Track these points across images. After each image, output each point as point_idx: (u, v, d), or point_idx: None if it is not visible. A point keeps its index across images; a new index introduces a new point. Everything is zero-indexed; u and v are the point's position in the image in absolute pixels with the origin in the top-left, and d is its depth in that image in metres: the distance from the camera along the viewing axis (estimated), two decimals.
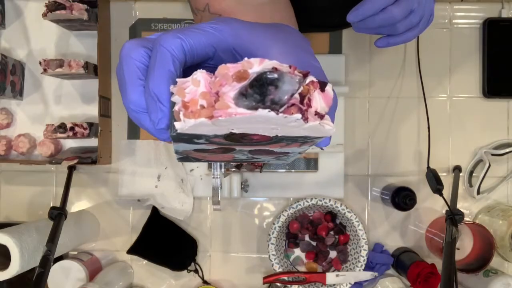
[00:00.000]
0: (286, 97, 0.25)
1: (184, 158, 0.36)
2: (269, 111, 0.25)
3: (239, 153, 0.34)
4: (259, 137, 0.29)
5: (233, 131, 0.27)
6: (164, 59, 0.29)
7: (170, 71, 0.29)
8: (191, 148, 0.32)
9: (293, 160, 0.36)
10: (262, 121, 0.26)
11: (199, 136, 0.28)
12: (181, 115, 0.26)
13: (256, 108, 0.25)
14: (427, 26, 0.56)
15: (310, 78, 0.26)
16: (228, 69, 0.25)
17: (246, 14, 0.42)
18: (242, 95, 0.25)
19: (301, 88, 0.26)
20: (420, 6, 0.52)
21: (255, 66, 0.25)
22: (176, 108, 0.26)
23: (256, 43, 0.32)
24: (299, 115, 0.25)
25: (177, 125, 0.26)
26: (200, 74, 0.26)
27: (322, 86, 0.26)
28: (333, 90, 0.27)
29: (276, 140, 0.30)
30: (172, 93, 0.27)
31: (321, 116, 0.26)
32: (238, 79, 0.25)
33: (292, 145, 0.32)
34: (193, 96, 0.26)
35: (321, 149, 0.85)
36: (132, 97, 0.30)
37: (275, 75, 0.25)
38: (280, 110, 0.25)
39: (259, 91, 0.25)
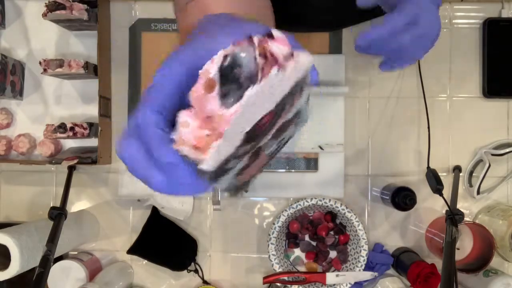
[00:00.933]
0: (253, 66, 0.26)
1: (234, 190, 0.37)
2: (252, 88, 0.25)
3: (268, 147, 0.34)
4: (268, 117, 0.29)
5: (246, 131, 0.28)
6: (150, 135, 0.30)
7: (161, 136, 0.29)
8: (231, 177, 0.32)
9: (308, 115, 0.37)
10: (256, 101, 0.26)
11: (227, 162, 0.29)
12: (200, 157, 0.26)
13: (242, 96, 0.25)
14: (431, 47, 0.55)
15: (256, 38, 0.26)
16: (195, 91, 0.26)
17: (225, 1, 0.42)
18: (224, 96, 0.26)
19: (257, 50, 0.26)
20: (427, 31, 0.52)
21: (211, 67, 0.26)
22: (191, 156, 0.27)
23: (206, 45, 0.32)
24: (275, 69, 0.26)
25: (204, 167, 0.27)
26: (182, 115, 0.27)
27: (270, 35, 0.27)
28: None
29: (281, 107, 0.30)
30: (177, 151, 0.28)
31: (290, 56, 0.27)
32: (210, 89, 0.26)
33: (295, 101, 0.32)
34: (194, 134, 0.26)
35: (321, 149, 0.85)
36: (156, 178, 0.31)
37: (230, 60, 0.25)
38: (259, 79, 0.26)
39: (231, 81, 0.26)
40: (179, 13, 0.45)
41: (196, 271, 0.88)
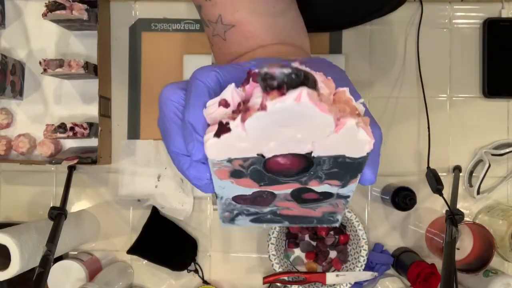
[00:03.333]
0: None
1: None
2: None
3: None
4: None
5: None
6: (199, 90, 0.29)
7: (206, 102, 0.29)
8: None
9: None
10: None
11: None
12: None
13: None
14: None
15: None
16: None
17: (258, 25, 0.42)
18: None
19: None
20: None
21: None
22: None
23: None
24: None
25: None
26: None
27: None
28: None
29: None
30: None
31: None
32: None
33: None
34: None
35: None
36: (175, 139, 0.30)
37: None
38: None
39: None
40: (216, 39, 0.45)
41: (196, 271, 0.88)
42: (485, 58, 0.86)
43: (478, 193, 0.85)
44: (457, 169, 0.85)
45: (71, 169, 0.85)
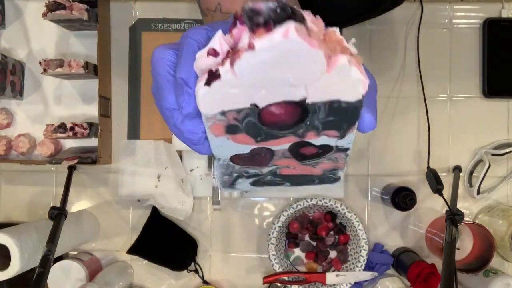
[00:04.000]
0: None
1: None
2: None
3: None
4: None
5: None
6: (190, 48, 0.30)
7: (194, 51, 0.30)
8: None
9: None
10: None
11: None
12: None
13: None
14: None
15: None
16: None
17: None
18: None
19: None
20: None
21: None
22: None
23: None
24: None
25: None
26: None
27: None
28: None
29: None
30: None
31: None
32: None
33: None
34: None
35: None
36: (168, 95, 0.31)
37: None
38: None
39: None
40: None
41: (196, 271, 0.88)
42: (485, 58, 0.86)
43: (478, 193, 0.85)
44: (457, 169, 0.85)
45: (71, 169, 0.85)
